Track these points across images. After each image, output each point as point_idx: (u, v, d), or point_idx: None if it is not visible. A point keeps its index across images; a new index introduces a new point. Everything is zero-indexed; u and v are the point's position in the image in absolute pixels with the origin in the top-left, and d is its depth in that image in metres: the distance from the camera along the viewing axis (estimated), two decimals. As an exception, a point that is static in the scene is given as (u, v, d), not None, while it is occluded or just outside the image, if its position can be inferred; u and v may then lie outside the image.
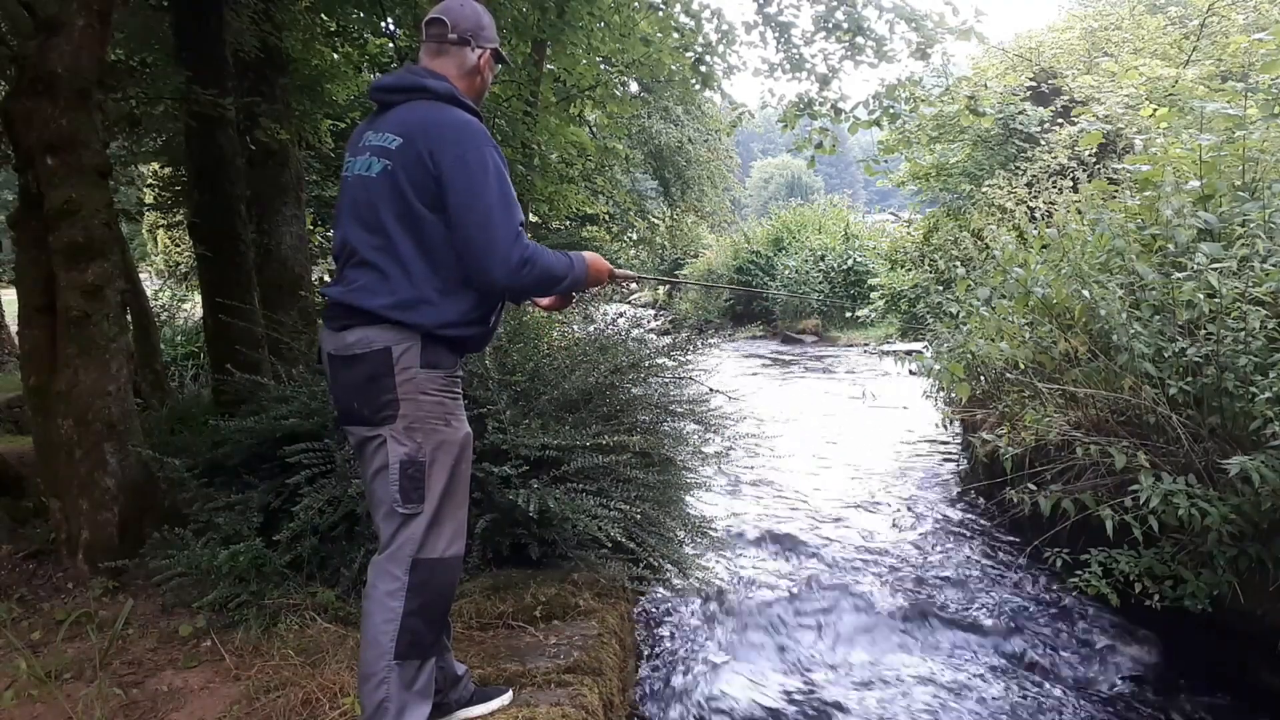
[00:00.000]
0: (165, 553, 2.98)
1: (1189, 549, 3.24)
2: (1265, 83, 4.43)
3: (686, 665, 3.31)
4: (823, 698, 3.16)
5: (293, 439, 3.17)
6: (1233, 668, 3.23)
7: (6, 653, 2.63)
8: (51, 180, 3.17)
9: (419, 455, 1.91)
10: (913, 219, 14.00)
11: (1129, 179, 4.38)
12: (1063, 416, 3.89)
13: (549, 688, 2.42)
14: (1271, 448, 2.85)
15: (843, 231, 19.01)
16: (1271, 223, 3.32)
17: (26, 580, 3.23)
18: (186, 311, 9.50)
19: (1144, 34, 11.00)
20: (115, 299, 3.33)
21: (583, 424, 3.37)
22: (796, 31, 6.67)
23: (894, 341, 12.97)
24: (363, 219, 1.96)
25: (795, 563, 4.38)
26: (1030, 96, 10.51)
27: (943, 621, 3.66)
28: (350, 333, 1.93)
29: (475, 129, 1.96)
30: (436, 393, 1.95)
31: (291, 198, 5.41)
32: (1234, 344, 3.15)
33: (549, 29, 6.85)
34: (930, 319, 8.33)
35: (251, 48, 4.83)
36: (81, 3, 3.15)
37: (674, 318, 19.93)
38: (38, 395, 3.37)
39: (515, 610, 2.90)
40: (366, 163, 1.97)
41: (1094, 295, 3.60)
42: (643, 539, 3.20)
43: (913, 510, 5.27)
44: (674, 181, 20.06)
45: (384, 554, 1.95)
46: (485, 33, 2.11)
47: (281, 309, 5.04)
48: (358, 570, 2.92)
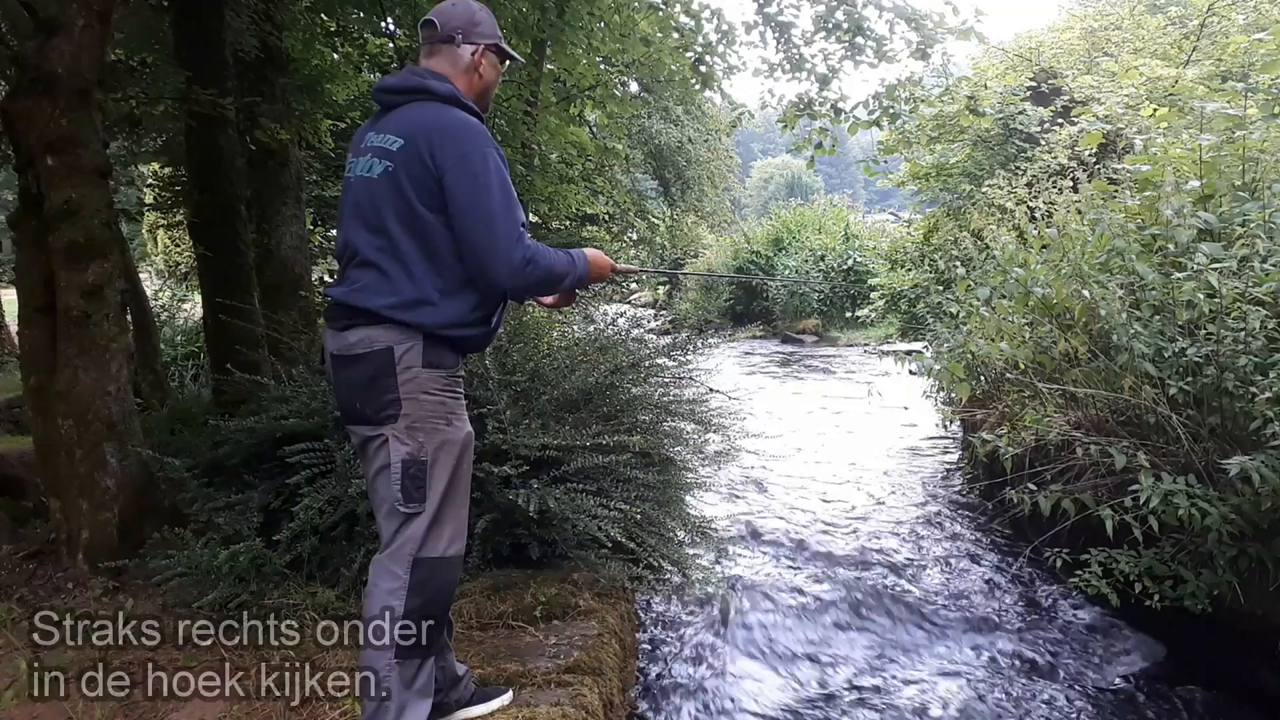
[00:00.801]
0: (165, 553, 2.98)
1: (1189, 549, 3.24)
2: (1265, 83, 4.43)
3: (686, 665, 3.31)
4: (822, 697, 3.16)
5: (293, 439, 3.17)
6: (1233, 668, 3.23)
7: (6, 653, 2.63)
8: (51, 180, 3.17)
9: (421, 455, 1.92)
10: (913, 219, 13.99)
11: (1129, 179, 4.38)
12: (1063, 416, 3.89)
13: (549, 688, 2.42)
14: (1271, 448, 2.85)
15: (843, 231, 19.00)
16: (1271, 223, 3.32)
17: (26, 580, 3.23)
18: (186, 311, 9.49)
19: (1144, 34, 11.00)
20: (115, 299, 3.33)
21: (583, 424, 3.37)
22: (796, 31, 6.67)
23: (894, 341, 12.97)
24: (365, 220, 1.97)
25: (795, 562, 4.38)
26: (1030, 96, 10.50)
27: (942, 621, 3.67)
28: (353, 332, 1.94)
29: (476, 130, 1.97)
30: (438, 392, 1.96)
31: (291, 198, 5.41)
32: (1234, 344, 3.15)
33: (549, 29, 6.85)
34: (930, 319, 8.34)
35: (251, 48, 4.83)
36: (81, 3, 3.15)
37: (674, 318, 19.95)
38: (38, 395, 3.36)
39: (515, 610, 2.90)
40: (369, 164, 1.98)
41: (1094, 295, 3.60)
42: (643, 539, 3.20)
43: (912, 510, 5.27)
44: (674, 181, 20.05)
45: (385, 552, 1.95)
46: (480, 29, 2.10)
47: (281, 309, 5.04)
48: (358, 570, 2.91)
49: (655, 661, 3.36)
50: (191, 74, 4.33)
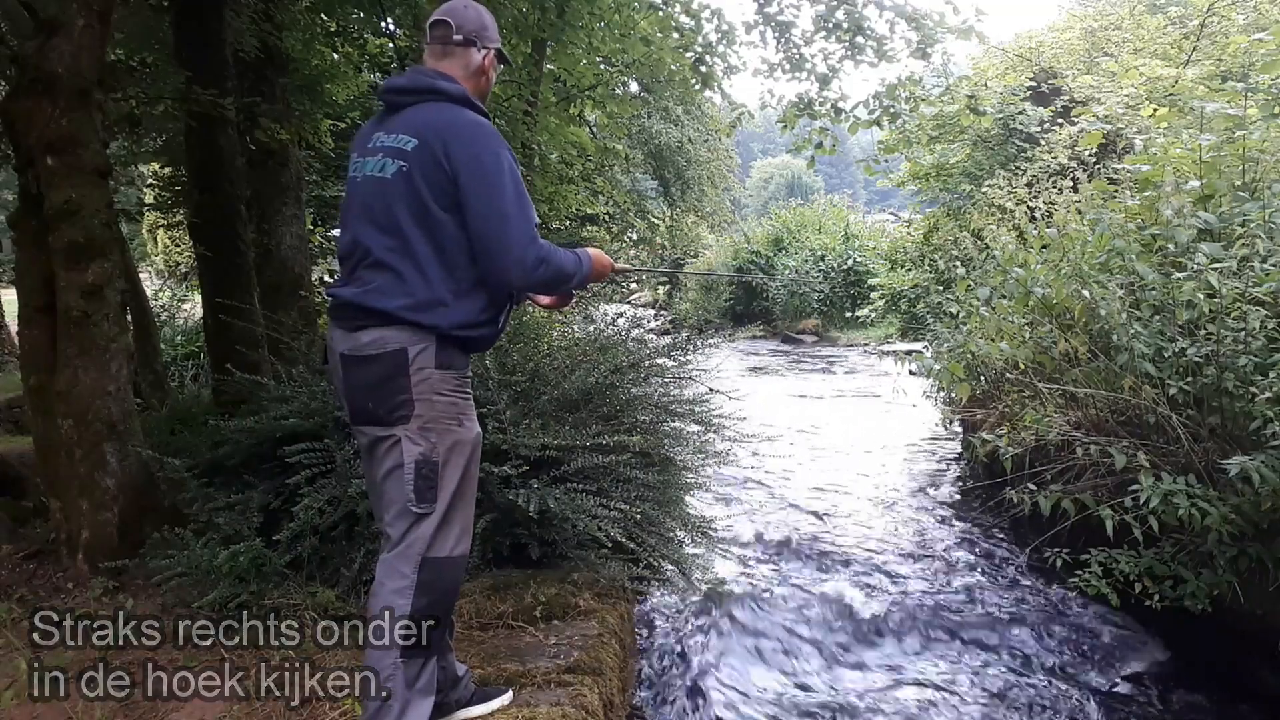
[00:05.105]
0: (165, 553, 2.98)
1: (1189, 549, 3.24)
2: (1265, 83, 4.43)
3: (686, 665, 3.31)
4: (822, 697, 3.16)
5: (293, 439, 3.17)
6: (1233, 668, 3.23)
7: (6, 653, 2.63)
8: (51, 180, 3.17)
9: (433, 455, 1.93)
10: (913, 219, 14.01)
11: (1129, 179, 4.38)
12: (1063, 416, 3.89)
13: (549, 688, 2.42)
14: (1271, 448, 2.85)
15: (843, 231, 19.01)
16: (1271, 223, 3.32)
17: (26, 580, 3.23)
18: (186, 311, 9.49)
19: (1144, 34, 11.01)
20: (115, 299, 3.33)
21: (583, 424, 3.36)
22: (796, 31, 6.68)
23: (894, 341, 12.98)
24: (376, 220, 1.96)
25: (795, 562, 4.38)
26: (1030, 96, 10.51)
27: (942, 621, 3.67)
28: (365, 333, 1.94)
29: (489, 130, 1.98)
30: (450, 393, 1.97)
31: (291, 198, 5.41)
32: (1234, 344, 3.15)
33: (549, 29, 6.85)
34: (930, 319, 8.34)
35: (251, 48, 4.83)
36: (81, 3, 3.15)
37: (674, 318, 19.97)
38: (38, 395, 3.36)
39: (515, 610, 2.90)
40: (380, 163, 1.97)
41: (1094, 295, 3.60)
42: (643, 539, 3.20)
43: (912, 510, 5.27)
44: (674, 181, 20.05)
45: (393, 552, 1.96)
46: (488, 33, 2.13)
47: (281, 309, 5.04)
48: (358, 570, 2.91)
49: (655, 661, 3.36)
50: (191, 74, 4.32)
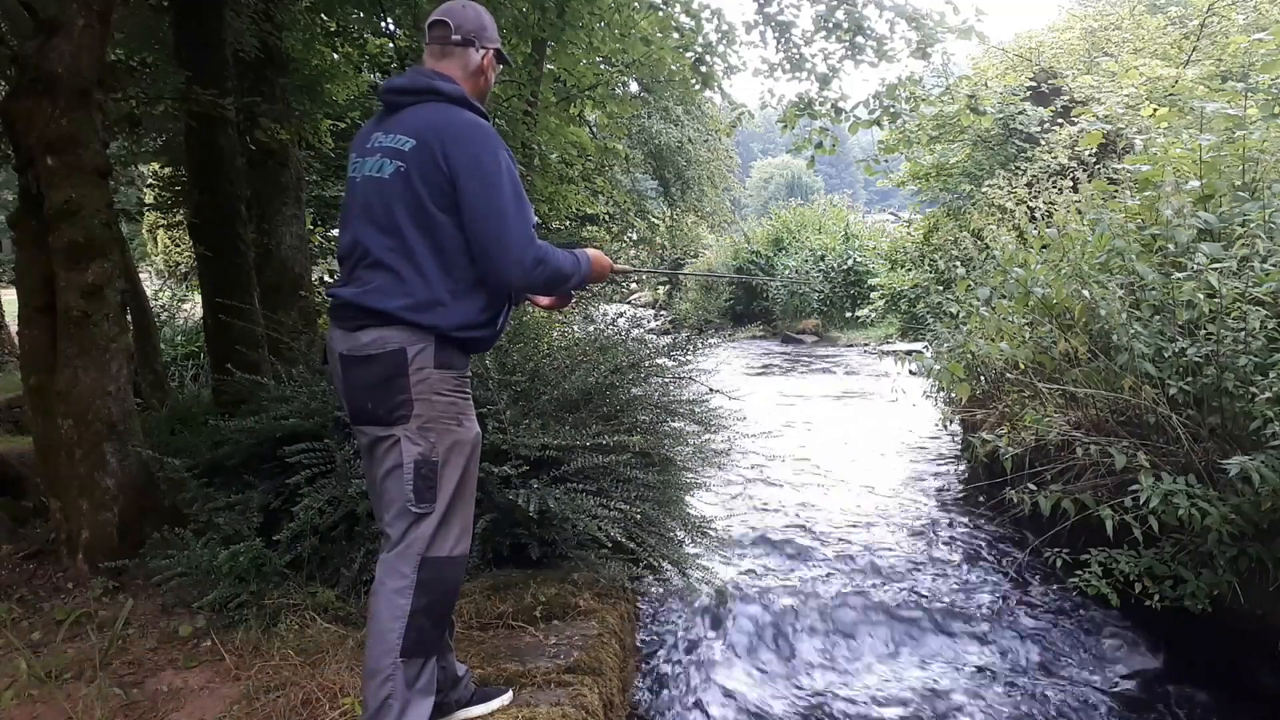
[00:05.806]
0: (165, 553, 2.98)
1: (1189, 549, 3.24)
2: (1265, 83, 4.43)
3: (686, 665, 3.31)
4: (822, 697, 3.16)
5: (293, 439, 3.17)
6: (1233, 668, 3.23)
7: (6, 653, 2.63)
8: (51, 180, 3.17)
9: (433, 455, 1.94)
10: (913, 219, 14.01)
11: (1129, 179, 4.38)
12: (1063, 416, 3.89)
13: (549, 688, 2.42)
14: (1271, 448, 2.85)
15: (843, 231, 19.00)
16: (1271, 223, 3.32)
17: (26, 580, 3.23)
18: (186, 311, 9.49)
19: (1144, 34, 11.01)
20: (115, 299, 3.33)
21: (583, 424, 3.37)
22: (796, 31, 6.68)
23: (894, 341, 12.98)
24: (376, 220, 1.97)
25: (794, 562, 4.38)
26: (1030, 96, 10.51)
27: (942, 621, 3.66)
28: (365, 333, 1.94)
29: (487, 131, 1.99)
30: (449, 393, 1.97)
31: (291, 198, 5.41)
32: (1234, 344, 3.15)
33: (549, 29, 6.85)
34: (930, 319, 8.34)
35: (251, 48, 4.83)
36: (81, 3, 3.15)
37: (674, 318, 19.97)
38: (38, 395, 3.36)
39: (515, 610, 2.90)
40: (378, 164, 1.98)
41: (1094, 295, 3.60)
42: (643, 539, 3.20)
43: (912, 510, 5.27)
44: (674, 181, 20.06)
45: (393, 552, 1.96)
46: (487, 33, 2.13)
47: (281, 309, 5.05)
48: (358, 570, 2.92)
49: (655, 661, 3.36)
50: (191, 74, 4.33)
